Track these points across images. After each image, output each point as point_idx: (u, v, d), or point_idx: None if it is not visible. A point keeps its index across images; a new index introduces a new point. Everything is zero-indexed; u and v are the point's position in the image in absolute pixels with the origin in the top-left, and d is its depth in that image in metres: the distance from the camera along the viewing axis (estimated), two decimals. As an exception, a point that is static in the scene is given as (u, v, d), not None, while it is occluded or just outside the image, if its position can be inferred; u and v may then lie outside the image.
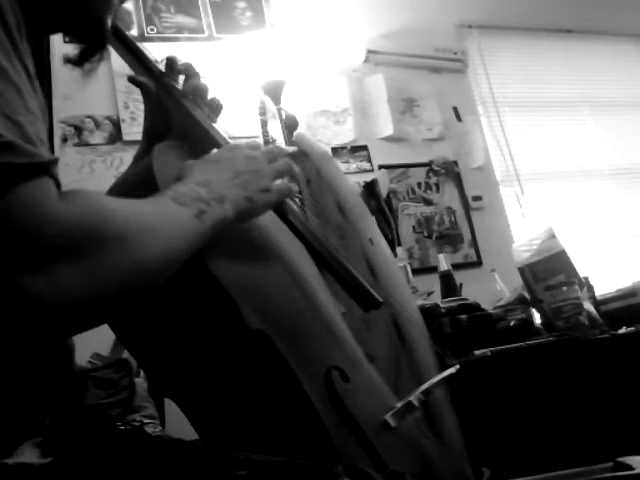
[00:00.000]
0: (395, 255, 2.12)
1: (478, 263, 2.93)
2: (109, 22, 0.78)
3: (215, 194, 0.71)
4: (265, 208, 0.80)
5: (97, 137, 2.51)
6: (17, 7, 0.56)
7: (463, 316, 1.68)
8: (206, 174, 0.74)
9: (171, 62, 0.94)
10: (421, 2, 3.17)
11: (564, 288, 1.78)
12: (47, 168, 0.54)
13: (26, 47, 0.57)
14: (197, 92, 0.92)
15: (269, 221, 0.87)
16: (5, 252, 0.50)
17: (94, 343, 1.31)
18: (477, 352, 1.56)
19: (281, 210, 0.85)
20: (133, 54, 0.93)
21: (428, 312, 1.64)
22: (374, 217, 2.00)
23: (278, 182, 0.81)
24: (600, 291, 2.04)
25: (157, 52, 0.96)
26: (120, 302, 0.59)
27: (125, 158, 2.45)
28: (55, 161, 0.55)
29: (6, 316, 0.50)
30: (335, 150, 2.83)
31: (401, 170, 2.96)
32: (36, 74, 0.59)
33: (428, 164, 3.02)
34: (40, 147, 0.53)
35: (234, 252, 0.78)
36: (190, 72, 0.94)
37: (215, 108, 0.95)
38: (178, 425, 0.93)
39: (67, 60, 0.80)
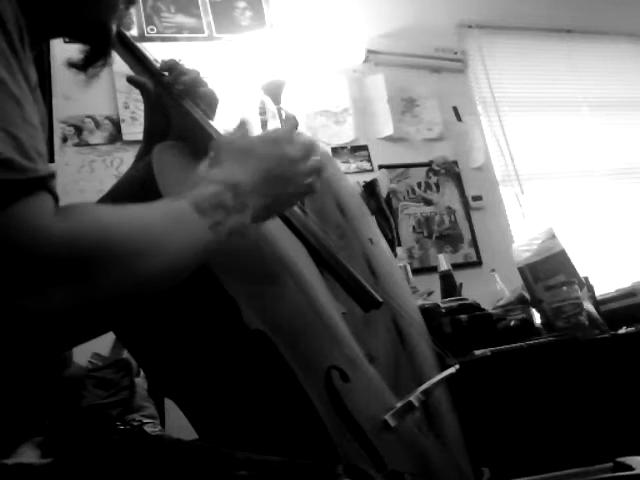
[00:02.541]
0: (395, 255, 2.11)
1: (478, 263, 2.93)
2: (114, 28, 0.78)
3: (239, 202, 0.68)
4: (279, 213, 0.79)
5: (97, 137, 2.51)
6: (20, 15, 0.56)
7: (463, 316, 1.68)
8: (236, 172, 0.70)
9: (169, 65, 0.93)
10: (421, 2, 3.17)
11: (564, 288, 1.78)
12: (44, 183, 0.52)
13: (29, 55, 0.57)
14: (195, 83, 0.92)
15: (269, 220, 0.87)
16: (1, 271, 0.49)
17: (94, 343, 1.31)
18: (477, 352, 1.56)
19: (281, 210, 0.84)
20: (132, 54, 0.93)
21: (428, 312, 1.64)
22: (374, 217, 1.99)
23: (306, 181, 0.77)
24: (600, 291, 2.04)
25: (157, 52, 0.96)
26: (120, 315, 0.58)
27: (125, 158, 2.45)
28: (52, 175, 0.53)
29: (5, 332, 0.50)
30: (335, 150, 2.83)
31: (401, 170, 2.96)
32: (38, 81, 0.59)
33: (428, 164, 3.02)
34: (37, 161, 0.52)
35: (234, 252, 0.78)
36: (187, 70, 0.94)
37: (211, 101, 0.94)
38: (178, 425, 0.93)
39: (71, 64, 0.79)
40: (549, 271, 1.89)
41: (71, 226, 0.53)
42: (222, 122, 0.96)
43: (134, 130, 2.50)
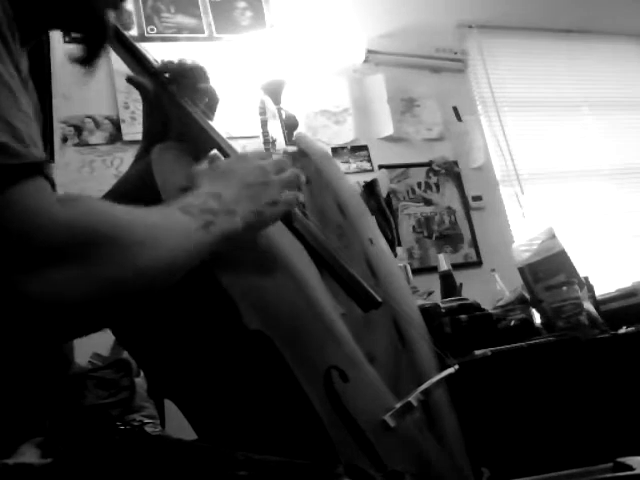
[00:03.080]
0: (395, 255, 2.11)
1: (478, 263, 2.93)
2: (110, 16, 0.77)
3: (224, 207, 0.71)
4: (273, 221, 0.80)
5: (97, 137, 2.51)
6: (8, 6, 0.56)
7: (463, 316, 1.68)
8: (217, 187, 0.73)
9: (166, 67, 0.93)
10: (421, 2, 3.17)
11: (564, 288, 1.78)
12: (40, 168, 0.53)
13: (18, 46, 0.57)
14: (197, 74, 0.92)
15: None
16: (0, 252, 0.49)
17: (94, 343, 1.31)
18: (477, 352, 1.56)
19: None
20: (131, 54, 0.93)
21: (428, 312, 1.64)
22: (374, 217, 2.00)
23: (285, 193, 0.80)
24: (600, 291, 2.04)
25: (157, 52, 0.96)
26: (118, 307, 0.58)
27: (125, 158, 2.45)
28: (47, 161, 0.54)
29: (5, 316, 0.50)
30: (335, 150, 2.83)
31: (401, 170, 2.96)
32: (32, 73, 0.59)
33: (428, 164, 3.02)
34: (32, 147, 0.52)
35: (234, 252, 0.78)
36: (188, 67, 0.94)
37: (211, 99, 0.94)
38: (178, 425, 0.93)
39: (74, 59, 0.79)
40: (549, 271, 1.89)
41: (73, 211, 0.54)
42: (222, 122, 0.96)
43: (134, 130, 2.50)
